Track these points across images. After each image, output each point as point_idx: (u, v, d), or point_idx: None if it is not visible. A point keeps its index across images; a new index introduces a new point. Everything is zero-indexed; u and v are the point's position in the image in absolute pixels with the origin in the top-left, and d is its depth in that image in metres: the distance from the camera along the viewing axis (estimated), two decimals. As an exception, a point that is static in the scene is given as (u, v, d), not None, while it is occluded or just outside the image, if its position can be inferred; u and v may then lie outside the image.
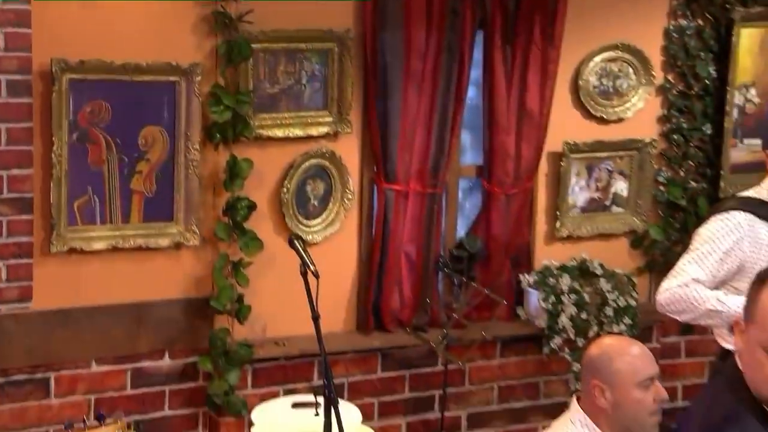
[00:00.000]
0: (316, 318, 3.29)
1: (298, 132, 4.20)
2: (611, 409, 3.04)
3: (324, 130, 4.25)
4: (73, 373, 3.97)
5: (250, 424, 3.77)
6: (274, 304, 4.16)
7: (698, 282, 3.64)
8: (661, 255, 4.74)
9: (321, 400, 3.22)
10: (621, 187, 4.77)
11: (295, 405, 3.62)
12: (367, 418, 4.38)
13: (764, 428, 2.13)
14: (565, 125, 4.62)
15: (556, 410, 3.97)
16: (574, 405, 3.14)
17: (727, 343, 3.58)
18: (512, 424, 4.61)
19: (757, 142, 4.59)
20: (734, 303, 3.47)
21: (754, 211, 3.67)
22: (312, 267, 3.34)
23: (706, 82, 4.75)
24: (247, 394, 4.16)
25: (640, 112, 4.73)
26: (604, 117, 4.69)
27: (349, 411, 3.85)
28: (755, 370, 2.14)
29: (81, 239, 3.91)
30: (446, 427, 4.53)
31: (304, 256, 3.38)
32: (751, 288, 2.23)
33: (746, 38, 4.77)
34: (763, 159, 3.83)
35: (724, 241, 3.68)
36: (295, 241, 3.45)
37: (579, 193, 4.72)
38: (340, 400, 4.07)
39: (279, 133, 4.17)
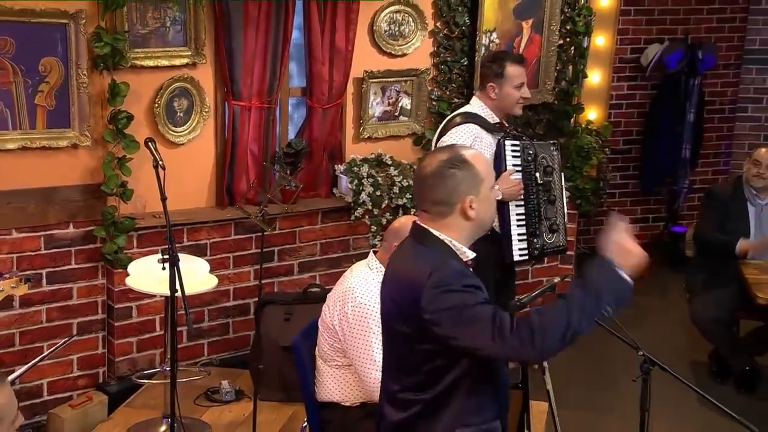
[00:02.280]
0: (164, 199, 3.19)
1: (164, 62, 3.99)
2: None
3: (185, 61, 4.05)
4: (-2, 240, 3.79)
5: (128, 273, 3.67)
6: (150, 188, 3.97)
7: None
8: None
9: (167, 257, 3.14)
10: (405, 102, 4.71)
11: (160, 260, 3.52)
12: (224, 267, 4.33)
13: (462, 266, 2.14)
14: (365, 58, 4.50)
15: (360, 257, 3.97)
16: (372, 256, 3.14)
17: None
18: (331, 269, 4.61)
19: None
20: None
21: (477, 122, 3.68)
22: (160, 162, 3.22)
23: (463, 28, 4.67)
24: (134, 252, 4.03)
25: (418, 50, 4.64)
26: (392, 53, 4.58)
27: (200, 264, 3.78)
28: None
29: (-3, 141, 3.68)
30: (283, 272, 4.53)
31: (155, 154, 3.24)
32: None
33: (489, -4, 4.68)
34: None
35: (466, 143, 3.66)
36: (149, 143, 3.30)
37: (376, 107, 4.64)
38: (199, 257, 4.02)
39: (150, 63, 3.95)
